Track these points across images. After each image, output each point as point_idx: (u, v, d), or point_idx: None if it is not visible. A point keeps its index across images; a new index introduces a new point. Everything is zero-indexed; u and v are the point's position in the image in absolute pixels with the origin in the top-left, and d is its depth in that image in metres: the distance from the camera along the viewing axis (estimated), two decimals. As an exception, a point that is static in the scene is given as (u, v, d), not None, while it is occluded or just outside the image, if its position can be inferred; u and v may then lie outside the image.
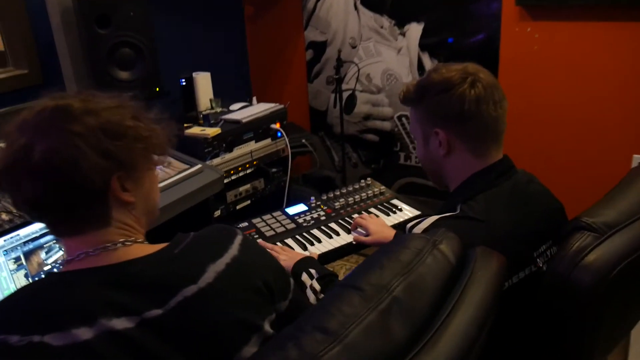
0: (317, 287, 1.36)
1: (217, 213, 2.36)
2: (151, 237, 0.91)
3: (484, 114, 1.14)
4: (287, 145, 2.51)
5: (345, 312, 0.70)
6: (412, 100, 1.24)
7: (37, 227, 1.32)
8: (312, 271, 1.42)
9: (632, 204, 1.07)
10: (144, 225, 0.91)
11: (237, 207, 2.45)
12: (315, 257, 1.59)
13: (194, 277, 0.80)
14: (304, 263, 1.47)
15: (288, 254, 1.56)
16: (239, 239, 0.89)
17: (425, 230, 1.11)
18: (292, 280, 1.00)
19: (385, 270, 0.76)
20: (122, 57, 2.24)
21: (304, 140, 3.10)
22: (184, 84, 2.32)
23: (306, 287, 1.38)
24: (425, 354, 0.69)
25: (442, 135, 1.18)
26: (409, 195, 2.32)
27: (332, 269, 1.45)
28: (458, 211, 1.15)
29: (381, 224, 1.72)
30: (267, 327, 0.85)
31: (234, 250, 0.86)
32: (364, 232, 1.71)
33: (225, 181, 2.32)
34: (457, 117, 1.15)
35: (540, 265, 1.12)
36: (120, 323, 0.74)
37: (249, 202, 2.50)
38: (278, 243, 1.71)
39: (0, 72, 2.25)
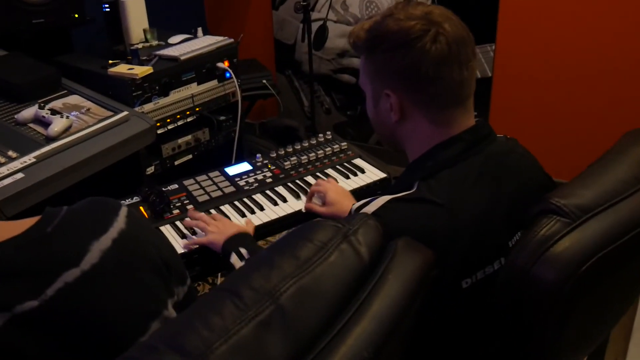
0: None
1: (151, 169, 2.30)
2: (73, 199, 0.88)
3: (446, 77, 1.08)
4: (237, 88, 2.41)
5: (213, 325, 0.64)
6: (362, 48, 1.17)
7: None
8: (243, 251, 1.39)
9: (617, 181, 1.00)
10: None
11: (176, 163, 2.39)
12: (252, 229, 1.55)
13: (75, 258, 0.77)
14: (236, 240, 1.43)
15: (219, 225, 1.51)
16: (124, 210, 0.87)
17: (374, 215, 1.06)
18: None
19: (274, 270, 0.70)
20: (28, -28, 2.10)
21: (264, 81, 3.01)
22: (107, 9, 2.19)
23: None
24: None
25: (394, 99, 1.13)
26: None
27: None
28: (414, 189, 1.10)
29: (342, 194, 1.67)
30: (169, 310, 0.84)
31: (120, 223, 0.84)
32: (319, 201, 1.66)
33: (160, 131, 2.26)
34: (412, 79, 1.09)
35: None
36: None
37: (190, 156, 2.45)
38: (212, 210, 1.66)
39: None
